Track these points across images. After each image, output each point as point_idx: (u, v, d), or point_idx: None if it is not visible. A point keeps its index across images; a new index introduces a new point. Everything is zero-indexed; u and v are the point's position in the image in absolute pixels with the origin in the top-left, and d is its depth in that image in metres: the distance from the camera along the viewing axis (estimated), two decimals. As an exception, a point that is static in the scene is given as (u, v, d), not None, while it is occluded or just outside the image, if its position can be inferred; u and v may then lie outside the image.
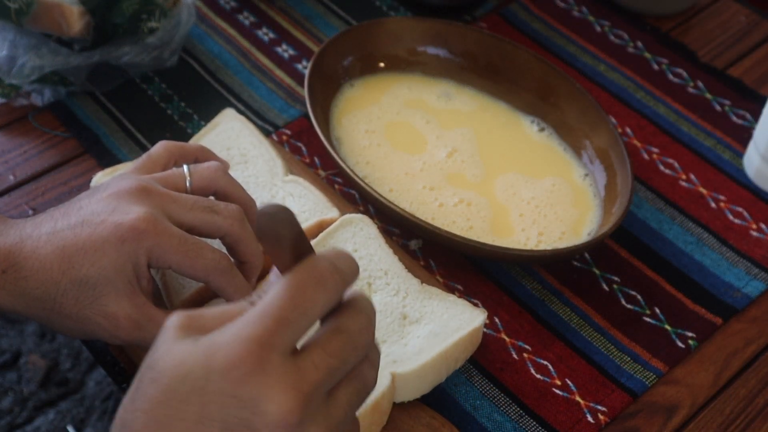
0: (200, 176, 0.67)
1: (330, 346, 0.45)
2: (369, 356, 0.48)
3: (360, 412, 0.63)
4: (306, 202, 0.76)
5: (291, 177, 0.78)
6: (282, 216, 0.44)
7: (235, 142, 0.81)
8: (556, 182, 0.83)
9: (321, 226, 0.75)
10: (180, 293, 0.69)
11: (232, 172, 0.78)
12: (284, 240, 0.44)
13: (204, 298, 0.69)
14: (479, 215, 0.80)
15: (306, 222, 0.75)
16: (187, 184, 0.66)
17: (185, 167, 0.67)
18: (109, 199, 0.62)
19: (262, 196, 0.77)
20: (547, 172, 0.84)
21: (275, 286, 0.45)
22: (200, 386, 0.43)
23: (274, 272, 0.49)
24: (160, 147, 0.69)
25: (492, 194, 0.82)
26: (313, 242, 0.73)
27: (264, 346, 0.43)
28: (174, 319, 0.46)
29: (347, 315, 0.47)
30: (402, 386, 0.66)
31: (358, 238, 0.74)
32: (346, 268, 0.46)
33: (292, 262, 0.45)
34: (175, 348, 0.44)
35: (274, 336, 0.43)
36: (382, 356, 0.67)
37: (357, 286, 0.71)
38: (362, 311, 0.47)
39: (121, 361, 0.71)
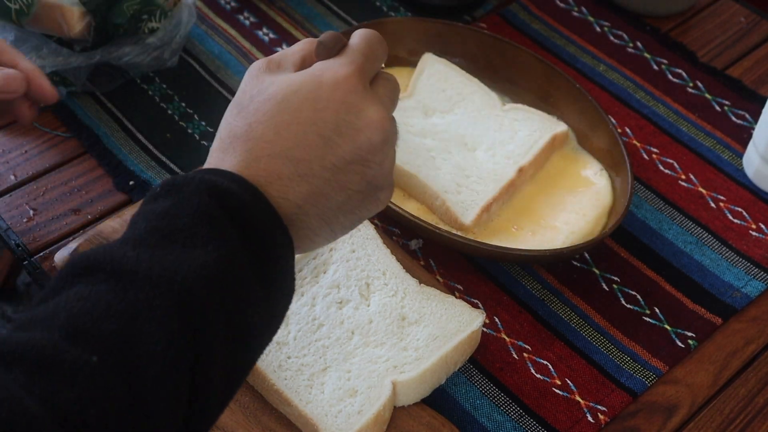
0: None
1: (388, 87, 0.57)
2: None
3: (362, 423, 0.64)
4: (532, 123, 0.83)
5: (510, 105, 0.85)
6: (337, 34, 0.56)
7: (447, 84, 0.86)
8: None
9: (555, 141, 0.82)
10: None
11: (454, 110, 0.85)
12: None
13: None
14: (479, 215, 0.80)
15: (540, 140, 0.81)
16: None
17: None
18: None
19: (490, 126, 0.83)
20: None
21: (354, 40, 0.56)
22: (312, 96, 0.52)
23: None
24: None
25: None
26: None
27: (360, 73, 0.54)
28: (258, 64, 0.55)
29: (384, 74, 0.58)
30: (402, 392, 0.67)
31: (356, 239, 0.74)
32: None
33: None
34: (277, 78, 0.54)
35: (364, 68, 0.55)
36: (381, 361, 0.67)
37: (354, 288, 0.71)
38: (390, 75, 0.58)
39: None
